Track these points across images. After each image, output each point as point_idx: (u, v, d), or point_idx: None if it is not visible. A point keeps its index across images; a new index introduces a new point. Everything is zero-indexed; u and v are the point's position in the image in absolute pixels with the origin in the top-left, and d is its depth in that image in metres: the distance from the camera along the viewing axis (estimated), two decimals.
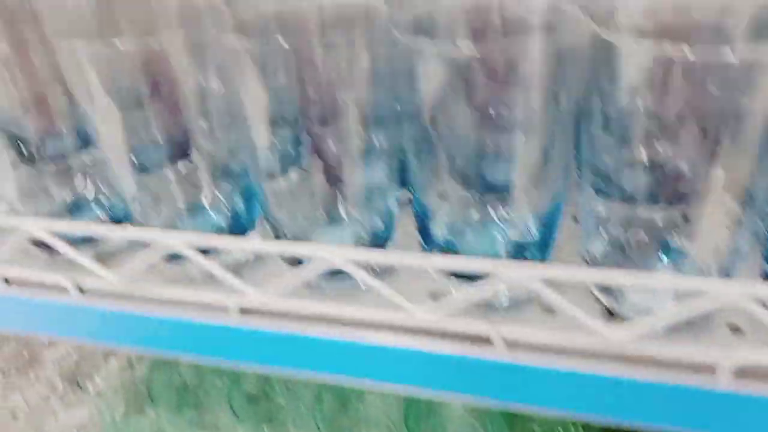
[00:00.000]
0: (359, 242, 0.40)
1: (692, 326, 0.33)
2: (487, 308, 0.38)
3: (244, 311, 0.41)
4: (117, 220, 0.49)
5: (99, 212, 0.49)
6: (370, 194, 0.39)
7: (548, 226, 0.38)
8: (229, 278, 0.40)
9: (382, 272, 0.41)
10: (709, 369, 0.33)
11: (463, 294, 0.35)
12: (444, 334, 0.37)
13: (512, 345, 0.36)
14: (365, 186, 0.39)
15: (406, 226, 0.42)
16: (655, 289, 0.34)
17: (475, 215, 0.38)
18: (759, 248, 0.36)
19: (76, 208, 0.49)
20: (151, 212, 0.44)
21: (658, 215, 0.34)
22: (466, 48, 0.31)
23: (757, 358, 0.32)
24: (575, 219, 0.41)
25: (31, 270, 0.46)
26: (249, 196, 0.44)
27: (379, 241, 0.41)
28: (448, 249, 0.39)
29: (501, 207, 0.37)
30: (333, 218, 0.40)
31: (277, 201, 0.40)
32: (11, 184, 0.47)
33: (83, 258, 0.42)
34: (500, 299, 0.38)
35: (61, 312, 0.45)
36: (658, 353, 0.33)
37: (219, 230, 0.44)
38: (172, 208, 0.44)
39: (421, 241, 0.40)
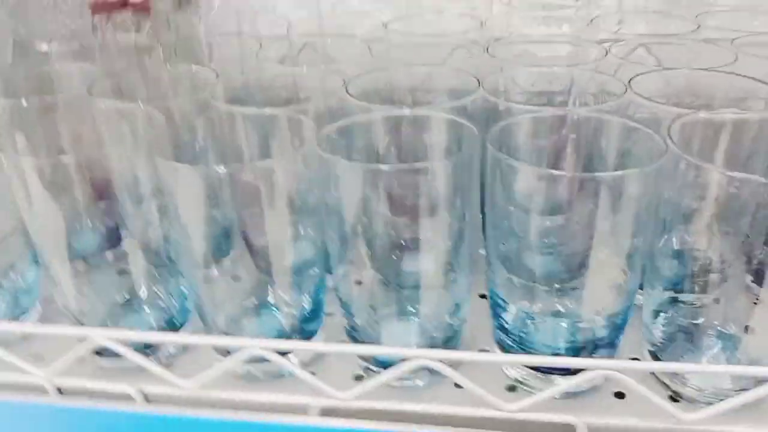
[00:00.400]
0: (292, 328, 0.42)
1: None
2: (403, 390, 0.40)
3: None
4: None
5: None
6: (299, 280, 0.41)
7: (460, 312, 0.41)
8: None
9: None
10: None
11: (385, 376, 0.37)
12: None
13: None
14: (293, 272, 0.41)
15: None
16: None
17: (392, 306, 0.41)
18: None
19: None
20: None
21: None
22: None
23: None
24: None
25: None
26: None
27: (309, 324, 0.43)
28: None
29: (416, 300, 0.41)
30: (263, 305, 0.42)
31: (209, 290, 0.41)
32: None
33: None
34: (416, 382, 0.41)
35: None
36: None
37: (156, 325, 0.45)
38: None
39: (348, 327, 0.42)
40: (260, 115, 0.40)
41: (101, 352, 0.42)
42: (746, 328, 0.38)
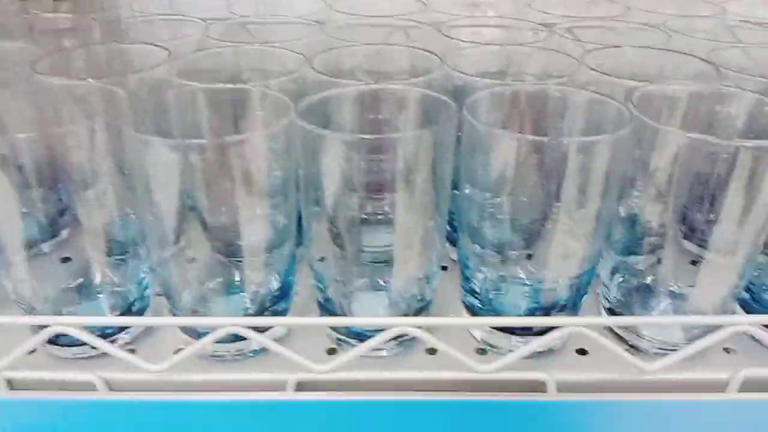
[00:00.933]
0: (260, 308, 0.41)
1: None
2: (376, 360, 0.41)
3: None
4: None
5: None
6: (268, 259, 0.40)
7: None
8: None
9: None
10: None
11: (364, 346, 0.37)
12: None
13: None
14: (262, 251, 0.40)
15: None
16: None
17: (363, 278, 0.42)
18: None
19: None
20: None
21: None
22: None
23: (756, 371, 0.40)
24: None
25: None
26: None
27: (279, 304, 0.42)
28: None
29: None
30: (231, 284, 0.41)
31: (170, 270, 0.40)
32: None
33: None
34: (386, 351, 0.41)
35: None
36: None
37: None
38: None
39: (320, 300, 0.42)
40: (226, 91, 0.40)
41: (54, 341, 0.40)
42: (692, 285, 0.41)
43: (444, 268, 0.48)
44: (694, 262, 0.40)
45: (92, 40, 0.54)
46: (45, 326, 0.38)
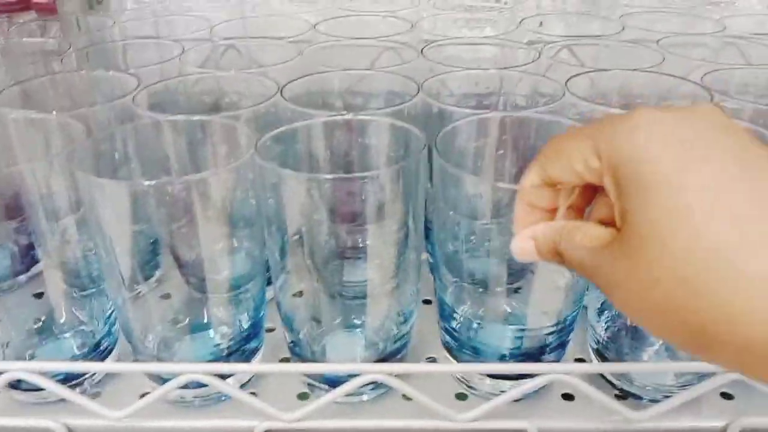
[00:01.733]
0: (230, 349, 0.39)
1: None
2: (350, 406, 0.39)
3: None
4: None
5: None
6: (236, 297, 0.39)
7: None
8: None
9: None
10: None
11: (333, 395, 0.35)
12: None
13: None
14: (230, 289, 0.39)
15: None
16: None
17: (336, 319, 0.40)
18: None
19: None
20: None
21: None
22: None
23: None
24: None
25: None
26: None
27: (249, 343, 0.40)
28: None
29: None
30: (197, 324, 0.40)
31: (137, 314, 0.38)
32: None
33: None
34: (362, 396, 0.39)
35: None
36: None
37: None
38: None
39: (289, 343, 0.40)
40: (189, 123, 0.38)
41: (16, 385, 0.39)
42: None
43: (427, 302, 0.46)
44: None
45: (72, 65, 0.53)
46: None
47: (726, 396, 0.39)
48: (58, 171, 0.36)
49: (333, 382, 0.37)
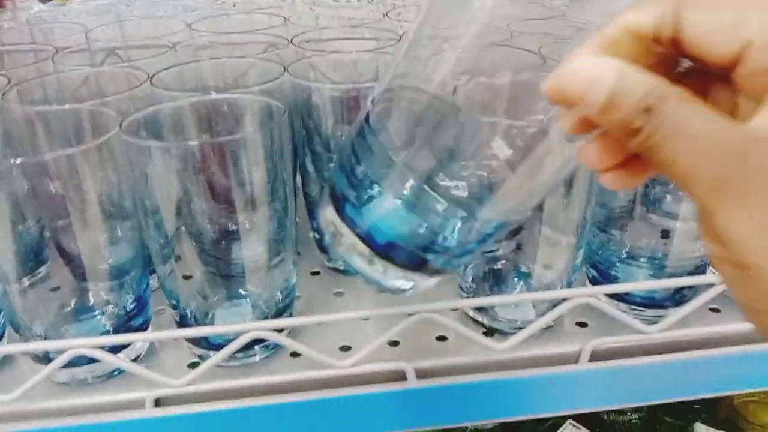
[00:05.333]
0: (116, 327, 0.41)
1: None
2: (241, 368, 0.41)
3: None
4: None
5: None
6: (119, 280, 0.40)
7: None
8: None
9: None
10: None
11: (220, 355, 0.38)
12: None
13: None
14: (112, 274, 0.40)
15: None
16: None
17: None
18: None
19: None
20: None
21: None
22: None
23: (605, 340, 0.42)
24: None
25: None
26: None
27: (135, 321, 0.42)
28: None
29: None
30: (83, 309, 0.41)
31: (22, 303, 0.39)
32: None
33: None
34: (254, 358, 0.41)
35: None
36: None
37: None
38: None
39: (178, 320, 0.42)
40: (59, 113, 0.39)
41: None
42: (544, 266, 0.43)
43: (316, 273, 0.49)
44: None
45: None
46: None
47: (581, 325, 0.44)
48: None
49: (221, 348, 0.39)
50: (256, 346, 0.41)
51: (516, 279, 0.44)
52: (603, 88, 0.19)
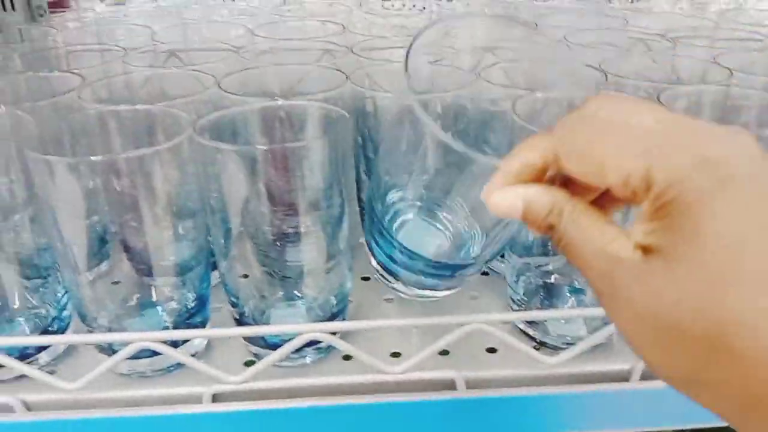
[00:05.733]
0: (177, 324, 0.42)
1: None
2: (293, 369, 0.42)
3: None
4: None
5: None
6: (182, 277, 0.42)
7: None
8: None
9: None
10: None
11: (276, 355, 0.39)
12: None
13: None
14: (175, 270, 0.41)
15: None
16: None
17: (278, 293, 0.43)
18: None
19: None
20: None
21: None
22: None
23: None
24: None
25: None
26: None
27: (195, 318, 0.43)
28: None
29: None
30: (146, 303, 0.42)
31: (89, 294, 0.41)
32: None
33: None
34: (306, 359, 0.43)
35: None
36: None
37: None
38: None
39: (236, 318, 0.43)
40: (133, 114, 0.41)
41: None
42: None
43: (366, 278, 0.50)
44: None
45: (14, 70, 0.54)
46: None
47: None
48: (11, 161, 0.39)
49: (277, 347, 0.40)
50: (309, 348, 0.42)
51: (568, 294, 0.44)
52: (518, 214, 0.25)
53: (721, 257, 0.20)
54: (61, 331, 0.44)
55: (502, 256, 0.46)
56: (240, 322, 0.42)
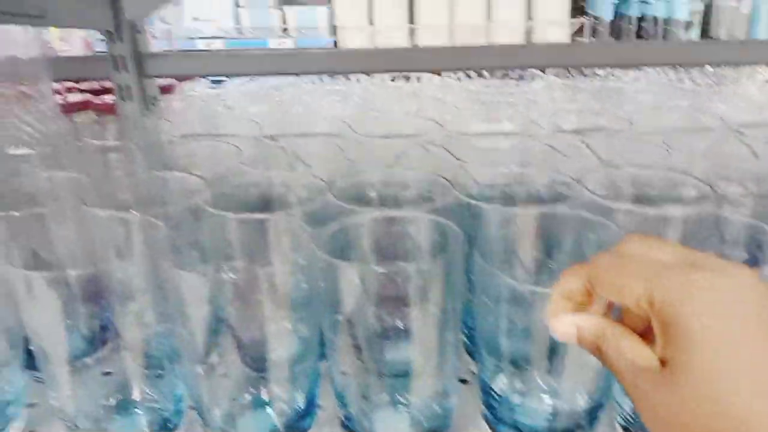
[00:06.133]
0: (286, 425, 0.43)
1: None
2: None
3: None
4: None
5: None
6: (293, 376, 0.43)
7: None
8: None
9: None
10: None
11: None
12: None
13: None
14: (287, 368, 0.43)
15: None
16: None
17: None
18: None
19: None
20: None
21: None
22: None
23: None
24: None
25: None
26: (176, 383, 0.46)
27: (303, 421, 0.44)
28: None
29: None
30: (256, 401, 0.43)
31: (203, 387, 0.42)
32: None
33: None
34: None
35: None
36: None
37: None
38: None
39: (342, 417, 0.44)
40: (255, 220, 0.43)
41: None
42: None
43: (463, 381, 0.50)
44: None
45: (136, 163, 0.59)
46: None
47: None
48: (137, 257, 0.42)
49: None
50: None
51: None
52: (572, 340, 0.31)
53: (713, 363, 0.25)
54: (177, 424, 0.46)
55: None
56: (346, 423, 0.43)
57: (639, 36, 2.40)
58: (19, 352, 0.46)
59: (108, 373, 0.45)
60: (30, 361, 0.46)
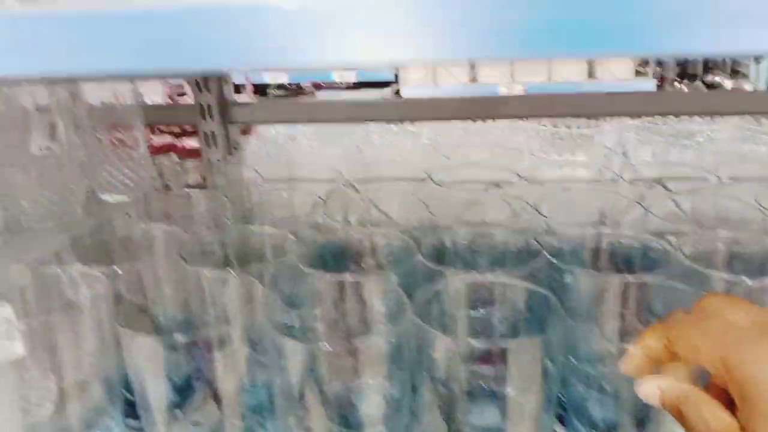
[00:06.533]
0: None
1: None
2: None
3: None
4: None
5: None
6: None
7: None
8: None
9: None
10: None
11: None
12: None
13: None
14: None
15: None
16: None
17: None
18: None
19: None
20: None
21: None
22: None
23: None
24: None
25: None
26: None
27: None
28: None
29: None
30: None
31: None
32: None
33: None
34: None
35: None
36: None
37: None
38: None
39: None
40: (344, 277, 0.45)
41: None
42: None
43: None
44: None
45: (224, 213, 0.61)
46: None
47: None
48: (232, 311, 0.44)
49: None
50: None
51: None
52: (655, 401, 0.31)
53: None
54: None
55: None
56: None
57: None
58: (118, 401, 0.48)
59: (197, 423, 0.46)
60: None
